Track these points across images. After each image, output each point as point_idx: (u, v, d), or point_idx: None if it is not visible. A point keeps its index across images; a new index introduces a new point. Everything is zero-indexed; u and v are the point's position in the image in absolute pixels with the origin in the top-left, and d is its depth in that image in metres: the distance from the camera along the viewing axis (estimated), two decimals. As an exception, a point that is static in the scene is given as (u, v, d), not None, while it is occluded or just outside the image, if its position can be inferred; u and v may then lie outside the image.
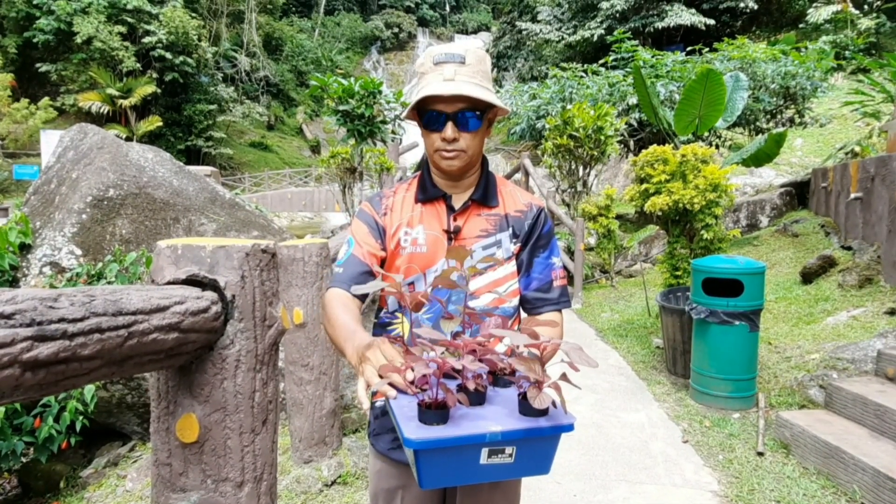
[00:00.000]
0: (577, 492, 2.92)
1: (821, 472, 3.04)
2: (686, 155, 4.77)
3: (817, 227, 7.77)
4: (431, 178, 1.53)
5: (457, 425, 0.95)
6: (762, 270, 3.86)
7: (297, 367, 3.33)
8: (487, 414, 1.01)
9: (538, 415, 0.99)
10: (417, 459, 0.93)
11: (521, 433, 0.95)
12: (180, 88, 28.37)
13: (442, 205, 1.52)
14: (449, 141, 1.40)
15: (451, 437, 0.92)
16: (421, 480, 0.96)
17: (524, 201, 1.58)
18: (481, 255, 1.48)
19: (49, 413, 3.44)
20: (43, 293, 0.90)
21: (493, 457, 0.96)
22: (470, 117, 1.40)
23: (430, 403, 0.97)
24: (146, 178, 4.65)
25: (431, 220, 1.50)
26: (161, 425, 1.32)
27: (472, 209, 1.51)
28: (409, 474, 1.46)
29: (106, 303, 0.98)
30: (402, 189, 1.58)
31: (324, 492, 3.24)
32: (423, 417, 0.96)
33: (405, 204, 1.54)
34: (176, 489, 1.33)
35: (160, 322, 1.09)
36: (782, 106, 11.67)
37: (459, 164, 1.44)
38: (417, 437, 0.90)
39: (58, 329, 0.87)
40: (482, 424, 0.96)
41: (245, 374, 1.33)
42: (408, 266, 1.48)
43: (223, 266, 1.32)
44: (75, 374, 0.92)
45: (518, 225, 1.54)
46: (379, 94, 8.90)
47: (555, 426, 0.97)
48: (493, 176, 1.57)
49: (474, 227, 1.50)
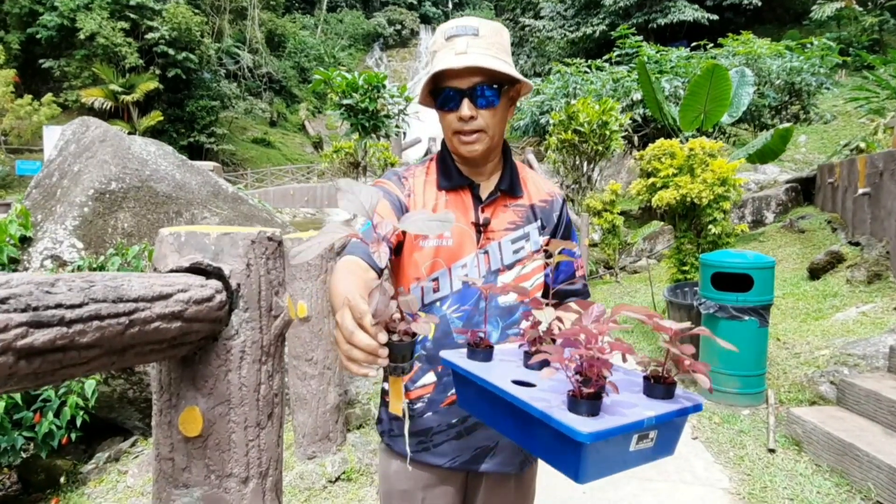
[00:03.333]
0: (587, 489, 2.88)
1: (834, 470, 2.99)
2: (694, 149, 4.71)
3: (823, 223, 7.71)
4: (455, 164, 1.41)
5: (611, 413, 0.91)
6: (772, 265, 3.81)
7: (300, 362, 3.28)
8: (617, 399, 0.97)
9: (663, 397, 0.97)
10: (582, 453, 0.87)
11: (671, 415, 0.93)
12: (183, 84, 28.31)
13: (468, 194, 1.40)
14: (466, 120, 1.29)
15: (618, 426, 0.87)
16: (581, 475, 0.90)
17: (547, 190, 1.50)
18: (510, 250, 1.40)
19: (49, 408, 3.40)
20: (39, 277, 0.85)
21: (640, 443, 0.94)
22: (487, 92, 1.28)
23: (584, 392, 0.92)
24: (148, 171, 4.61)
25: (457, 211, 1.38)
26: (163, 418, 1.28)
27: (500, 200, 1.41)
28: (433, 476, 1.40)
29: (106, 289, 0.93)
30: (418, 172, 1.45)
31: (328, 488, 3.20)
32: (576, 407, 0.90)
33: (427, 190, 1.41)
34: (178, 485, 1.29)
35: (163, 310, 1.04)
36: (787, 102, 11.60)
37: (481, 147, 1.32)
38: (589, 429, 0.84)
39: (55, 315, 0.82)
40: (635, 411, 0.92)
41: (250, 365, 1.28)
42: (433, 261, 1.36)
43: (228, 254, 1.28)
44: (73, 363, 0.87)
45: (546, 216, 1.46)
46: (383, 88, 8.83)
47: (695, 405, 0.96)
48: (514, 162, 1.48)
49: (502, 220, 1.41)
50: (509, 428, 1.04)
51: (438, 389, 1.38)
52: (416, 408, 1.39)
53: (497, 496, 1.46)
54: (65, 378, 0.89)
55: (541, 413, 0.91)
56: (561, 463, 0.92)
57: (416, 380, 1.38)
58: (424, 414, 1.38)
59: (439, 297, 1.36)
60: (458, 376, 1.12)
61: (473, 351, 1.11)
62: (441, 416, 1.38)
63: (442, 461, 1.39)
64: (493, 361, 1.11)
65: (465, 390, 1.15)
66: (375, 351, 0.86)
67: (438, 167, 1.43)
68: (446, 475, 1.42)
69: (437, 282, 1.37)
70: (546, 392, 0.98)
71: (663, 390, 0.98)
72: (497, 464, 1.41)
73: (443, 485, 1.41)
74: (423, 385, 1.38)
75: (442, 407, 1.38)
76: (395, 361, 0.91)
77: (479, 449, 1.39)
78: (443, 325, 1.36)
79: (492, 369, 1.07)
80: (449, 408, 1.38)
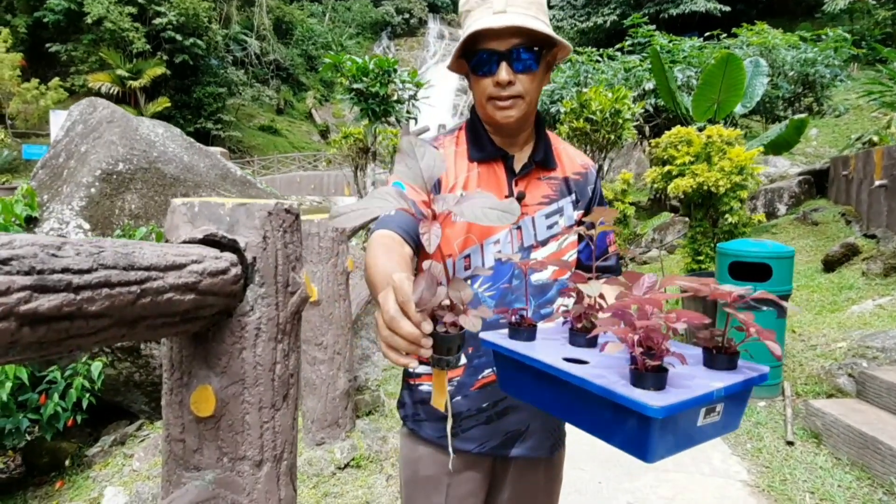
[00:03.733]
0: (602, 479, 2.82)
1: (855, 464, 2.92)
2: (711, 136, 4.61)
3: (837, 215, 7.61)
4: (488, 134, 1.32)
5: (676, 387, 0.85)
6: (791, 255, 3.73)
7: (310, 346, 3.23)
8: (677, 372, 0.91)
9: (727, 368, 0.91)
10: (651, 430, 0.81)
11: (739, 386, 0.87)
12: (190, 71, 28.22)
13: (500, 166, 1.32)
14: (503, 85, 1.20)
15: (689, 398, 0.81)
16: (650, 453, 0.84)
17: (580, 162, 1.42)
18: (544, 225, 1.33)
19: (55, 390, 3.37)
20: (45, 240, 0.78)
21: (707, 417, 0.88)
22: (526, 56, 1.19)
23: (648, 365, 0.85)
24: (156, 152, 4.55)
25: (490, 184, 1.31)
26: (174, 398, 1.22)
27: (534, 173, 1.33)
28: (460, 461, 1.33)
29: (116, 255, 0.86)
30: (447, 143, 1.36)
31: (336, 475, 3.15)
32: (640, 382, 0.83)
33: (458, 161, 1.32)
34: (189, 467, 1.23)
35: (176, 281, 0.98)
36: (800, 94, 11.44)
37: (517, 113, 1.23)
38: (660, 403, 0.77)
39: (61, 280, 0.76)
40: (699, 382, 0.86)
41: (266, 343, 1.22)
42: (465, 237, 1.28)
43: (243, 225, 1.21)
44: (81, 332, 0.81)
45: (580, 190, 1.38)
46: (394, 73, 8.72)
47: (761, 374, 0.90)
48: (547, 133, 1.39)
49: (536, 194, 1.33)
50: (563, 410, 0.97)
51: (468, 372, 1.31)
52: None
53: (526, 481, 1.40)
54: (72, 348, 0.83)
55: (604, 389, 0.84)
56: (626, 442, 0.86)
57: None
58: (453, 398, 1.32)
59: (470, 275, 1.29)
60: (501, 358, 1.05)
61: (515, 330, 1.04)
62: (471, 401, 1.32)
63: (470, 446, 1.33)
64: (536, 341, 1.05)
65: (508, 372, 1.08)
66: (418, 340, 0.79)
67: (469, 137, 1.34)
68: (473, 460, 1.35)
69: (468, 259, 1.29)
70: (601, 368, 0.91)
71: (726, 360, 0.92)
72: (528, 448, 1.35)
73: (469, 470, 1.35)
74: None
75: (472, 391, 1.32)
76: (441, 353, 0.83)
77: (509, 433, 1.33)
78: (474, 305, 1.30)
79: (538, 348, 1.00)
80: (480, 391, 1.31)
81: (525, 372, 1.00)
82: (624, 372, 0.88)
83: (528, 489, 1.41)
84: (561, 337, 1.07)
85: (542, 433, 1.36)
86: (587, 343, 1.00)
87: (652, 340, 0.86)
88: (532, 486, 1.41)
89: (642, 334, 0.86)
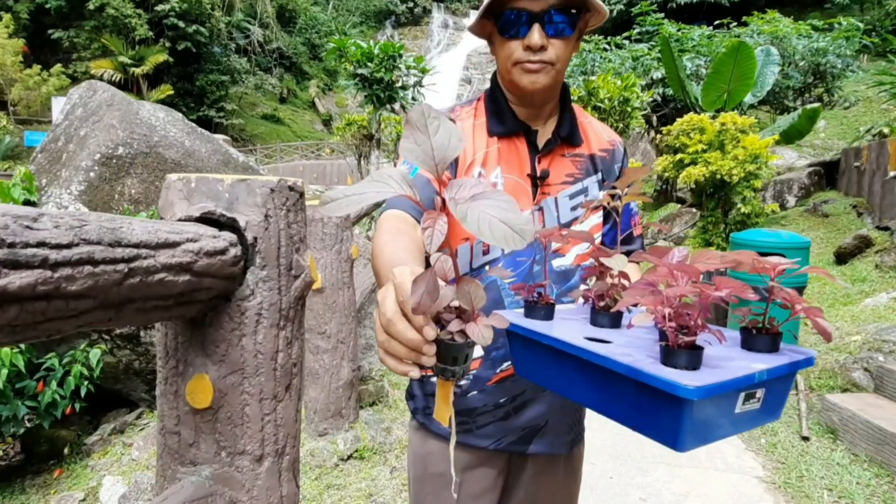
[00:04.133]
0: (614, 473, 2.74)
1: (873, 460, 2.84)
2: (725, 123, 4.49)
3: (848, 207, 7.49)
4: (510, 106, 1.21)
5: (713, 367, 0.76)
6: (807, 245, 3.63)
7: (313, 335, 3.15)
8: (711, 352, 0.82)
9: (768, 349, 0.82)
10: (683, 414, 0.72)
11: (783, 369, 0.78)
12: (193, 58, 28.03)
13: (523, 142, 1.22)
14: (534, 49, 1.09)
15: (728, 380, 0.72)
16: (681, 441, 0.75)
17: (607, 137, 1.32)
18: (567, 206, 1.23)
19: (53, 377, 3.30)
20: (19, 210, 0.69)
21: (746, 403, 0.79)
22: (560, 19, 1.08)
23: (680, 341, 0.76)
24: (157, 137, 4.46)
25: (511, 161, 1.20)
26: (168, 387, 1.14)
27: (558, 149, 1.23)
28: (473, 458, 1.26)
29: (101, 230, 0.77)
30: (465, 114, 1.25)
31: (339, 466, 3.08)
32: (672, 359, 0.74)
33: (476, 135, 1.22)
34: (185, 462, 1.15)
35: (168, 260, 0.89)
36: (811, 84, 11.28)
37: (546, 80, 1.12)
38: (696, 383, 0.68)
39: (36, 255, 0.67)
40: (737, 364, 0.77)
41: (267, 330, 1.13)
42: None
43: (244, 203, 1.12)
44: (60, 315, 0.72)
45: (607, 168, 1.28)
46: (399, 59, 8.58)
47: (807, 358, 0.81)
48: (573, 106, 1.28)
49: (559, 172, 1.23)
50: (584, 393, 0.87)
51: (486, 365, 1.22)
52: (460, 385, 1.24)
53: (545, 479, 1.31)
54: (50, 333, 0.74)
55: (630, 368, 0.74)
56: (654, 428, 0.77)
57: None
58: (469, 392, 1.23)
59: (489, 259, 1.20)
60: (516, 338, 0.96)
61: (532, 308, 0.96)
62: (487, 396, 1.23)
63: (485, 443, 1.24)
64: (554, 320, 0.96)
65: (523, 354, 0.99)
66: (419, 347, 0.68)
67: (489, 109, 1.23)
68: (488, 456, 1.27)
69: (487, 244, 1.19)
70: (627, 347, 0.82)
71: (768, 342, 0.82)
72: (546, 445, 1.26)
73: (483, 467, 1.27)
74: None
75: (489, 385, 1.23)
76: (445, 363, 0.72)
77: (527, 429, 1.25)
78: (492, 293, 1.20)
79: (556, 327, 0.91)
80: (497, 386, 1.23)
81: (542, 352, 0.92)
82: (653, 351, 0.79)
83: (546, 487, 1.32)
84: (581, 317, 0.99)
85: (561, 428, 1.28)
86: (610, 322, 0.91)
87: (685, 315, 0.76)
88: (551, 484, 1.33)
89: (675, 306, 0.76)
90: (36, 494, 3.45)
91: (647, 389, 0.73)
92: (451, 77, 34.89)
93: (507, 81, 1.18)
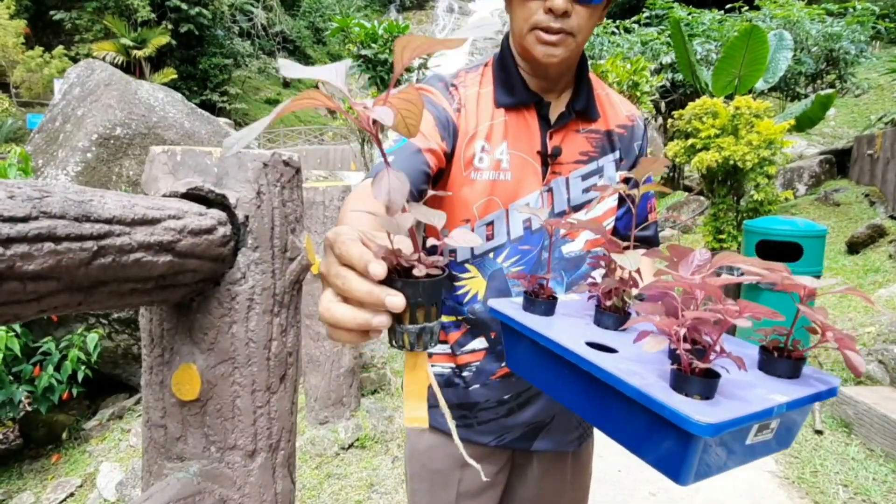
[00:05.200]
0: (622, 467, 2.67)
1: (889, 455, 2.76)
2: (740, 107, 4.37)
3: (860, 196, 7.36)
4: (520, 74, 1.09)
5: (727, 396, 0.68)
6: (823, 234, 3.53)
7: (313, 321, 3.07)
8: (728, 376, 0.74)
9: (789, 375, 0.74)
10: (691, 448, 0.64)
11: (804, 401, 0.70)
12: (195, 41, 27.83)
13: (533, 115, 1.09)
14: (557, 14, 0.95)
15: (744, 415, 0.64)
16: (684, 475, 0.67)
17: (626, 112, 1.19)
18: (579, 188, 1.11)
19: (49, 361, 3.24)
20: (-33, 178, 0.60)
21: (758, 434, 0.72)
22: None
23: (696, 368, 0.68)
24: (156, 117, 4.37)
25: (519, 136, 1.08)
26: (154, 377, 1.05)
27: (572, 124, 1.11)
28: (473, 454, 1.17)
29: (66, 202, 0.68)
30: (470, 81, 1.12)
31: (340, 455, 3.02)
32: (684, 386, 0.66)
33: (481, 105, 1.09)
34: (171, 457, 1.07)
35: (146, 238, 0.80)
36: (823, 70, 11.07)
37: (563, 53, 1.00)
38: (709, 419, 0.60)
39: (-16, 229, 0.58)
40: (756, 393, 0.69)
41: (260, 317, 1.04)
42: (488, 199, 1.07)
43: (234, 178, 1.03)
44: (16, 298, 0.63)
45: (625, 147, 1.16)
46: (403, 40, 8.43)
47: (830, 388, 0.73)
48: (590, 77, 1.15)
49: (573, 150, 1.11)
50: (578, 402, 0.79)
51: (490, 358, 1.14)
52: (463, 376, 1.15)
53: (552, 477, 1.23)
54: (7, 319, 0.65)
55: (637, 392, 0.66)
56: (655, 456, 0.69)
57: (463, 343, 1.13)
58: (471, 386, 1.15)
59: (493, 245, 1.09)
60: (510, 331, 0.88)
61: (532, 301, 0.87)
62: (490, 391, 1.14)
63: (487, 439, 1.16)
64: (555, 315, 0.87)
65: (517, 349, 0.90)
66: (379, 298, 0.48)
67: (497, 76, 1.11)
68: (489, 452, 1.19)
69: (491, 226, 1.08)
70: (634, 362, 0.73)
71: (789, 367, 0.75)
72: (552, 442, 1.18)
73: (483, 462, 1.18)
74: (471, 350, 1.14)
75: (493, 379, 1.14)
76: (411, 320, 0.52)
77: (530, 426, 1.16)
78: (497, 282, 1.10)
79: (555, 325, 0.83)
80: (502, 381, 1.14)
81: (537, 352, 0.84)
82: (662, 370, 0.71)
83: (553, 485, 1.24)
84: (584, 314, 0.90)
85: (568, 425, 1.19)
86: (615, 324, 0.83)
87: (701, 334, 0.68)
88: (558, 482, 1.24)
89: (690, 326, 0.68)
90: (34, 479, 3.41)
91: (653, 416, 0.65)
92: (456, 62, 34.63)
93: (520, 47, 1.05)
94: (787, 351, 0.77)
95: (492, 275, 1.10)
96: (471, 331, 1.13)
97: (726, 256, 0.77)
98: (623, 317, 0.83)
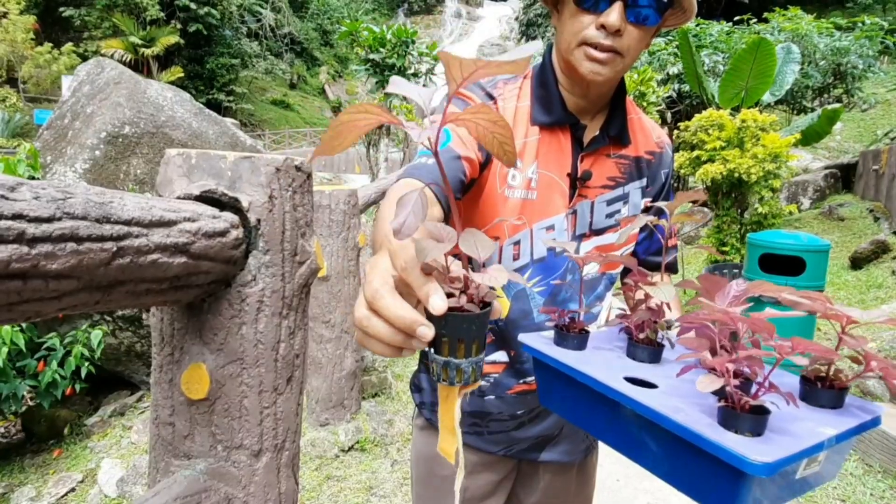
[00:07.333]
0: (621, 476, 2.68)
1: (888, 471, 2.76)
2: (746, 120, 4.38)
3: (865, 211, 7.37)
4: (559, 93, 1.06)
5: (777, 430, 0.67)
6: (827, 249, 3.53)
7: (317, 324, 3.09)
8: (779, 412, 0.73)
9: (832, 406, 0.72)
10: (743, 487, 0.63)
11: (851, 433, 0.69)
12: (203, 41, 27.96)
13: (567, 136, 1.07)
14: (610, 32, 0.93)
15: (797, 452, 0.63)
16: None
17: (656, 138, 1.18)
18: (603, 213, 1.10)
19: (53, 357, 3.26)
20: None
21: (808, 467, 0.71)
22: (648, 4, 0.93)
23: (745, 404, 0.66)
24: (164, 117, 4.40)
25: (550, 156, 1.06)
26: (163, 376, 1.07)
27: (603, 149, 1.09)
28: (479, 461, 1.19)
29: (88, 204, 0.70)
30: (508, 94, 1.08)
31: (340, 457, 3.03)
32: (734, 423, 0.64)
33: (517, 121, 1.06)
34: (179, 454, 1.09)
35: (163, 240, 0.82)
36: (830, 84, 11.08)
37: (610, 73, 0.97)
38: (764, 458, 0.59)
39: (11, 228, 0.60)
40: (803, 426, 0.68)
41: (269, 319, 1.06)
42: (518, 218, 1.04)
43: (247, 182, 1.05)
44: (39, 296, 0.65)
45: (652, 174, 1.15)
46: (412, 45, 8.46)
47: (874, 418, 0.72)
48: (626, 101, 1.13)
49: (601, 174, 1.09)
50: (620, 440, 0.78)
51: (509, 373, 1.13)
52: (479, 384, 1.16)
53: (557, 487, 1.24)
54: (28, 316, 0.67)
55: (686, 430, 0.65)
56: (701, 495, 0.68)
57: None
58: (486, 396, 1.15)
59: (518, 266, 1.08)
60: (544, 367, 0.86)
61: (563, 336, 0.85)
62: (505, 404, 1.14)
63: (494, 448, 1.17)
64: (587, 350, 0.86)
65: (551, 386, 0.88)
66: (410, 327, 0.50)
67: (535, 92, 1.08)
68: (496, 461, 1.20)
69: (517, 246, 1.07)
70: (676, 398, 0.72)
71: (833, 397, 0.73)
72: (559, 453, 1.19)
73: (488, 471, 1.20)
74: (492, 361, 1.13)
75: (509, 394, 1.14)
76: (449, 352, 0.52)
77: (539, 438, 1.17)
78: (521, 302, 1.08)
79: (591, 360, 0.82)
80: (518, 397, 1.14)
81: (572, 388, 0.82)
82: (704, 404, 0.70)
83: (557, 494, 1.26)
84: (616, 347, 0.88)
85: (574, 437, 1.20)
86: (650, 358, 0.81)
87: (750, 370, 0.67)
88: (563, 493, 1.26)
89: (741, 363, 0.66)
90: (35, 474, 3.42)
91: (702, 454, 0.64)
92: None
93: (565, 62, 1.02)
94: (830, 381, 0.74)
95: (515, 295, 1.08)
96: (494, 342, 1.13)
97: (759, 285, 0.76)
98: (657, 349, 0.82)
